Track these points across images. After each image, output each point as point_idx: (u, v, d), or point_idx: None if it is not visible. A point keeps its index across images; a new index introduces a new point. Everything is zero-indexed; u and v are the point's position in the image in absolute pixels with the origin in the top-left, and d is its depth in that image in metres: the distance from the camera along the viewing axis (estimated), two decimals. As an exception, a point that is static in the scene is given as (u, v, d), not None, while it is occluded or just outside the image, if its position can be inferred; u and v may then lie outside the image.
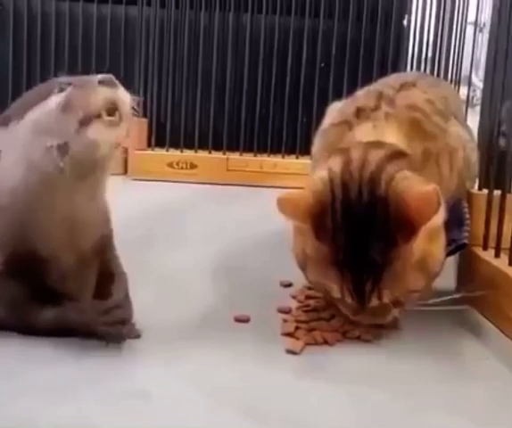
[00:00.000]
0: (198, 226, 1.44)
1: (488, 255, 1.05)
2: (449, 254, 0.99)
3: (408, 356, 0.91)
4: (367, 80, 1.41)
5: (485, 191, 1.09)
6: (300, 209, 0.90)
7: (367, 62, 1.92)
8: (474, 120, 1.30)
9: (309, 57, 1.93)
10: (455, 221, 1.03)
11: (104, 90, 0.83)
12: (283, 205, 0.89)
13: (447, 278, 1.12)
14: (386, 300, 0.88)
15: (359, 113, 1.04)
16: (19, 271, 0.88)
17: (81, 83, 0.85)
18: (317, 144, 1.12)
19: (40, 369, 0.81)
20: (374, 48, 1.92)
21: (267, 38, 1.92)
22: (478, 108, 1.34)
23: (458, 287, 1.11)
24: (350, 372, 0.86)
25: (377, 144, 0.96)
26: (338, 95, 1.56)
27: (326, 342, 0.92)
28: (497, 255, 1.04)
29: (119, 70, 1.90)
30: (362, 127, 1.01)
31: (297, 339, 0.92)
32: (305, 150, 1.73)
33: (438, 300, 0.95)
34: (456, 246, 1.01)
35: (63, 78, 0.87)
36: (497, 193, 1.05)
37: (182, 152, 1.91)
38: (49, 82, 0.89)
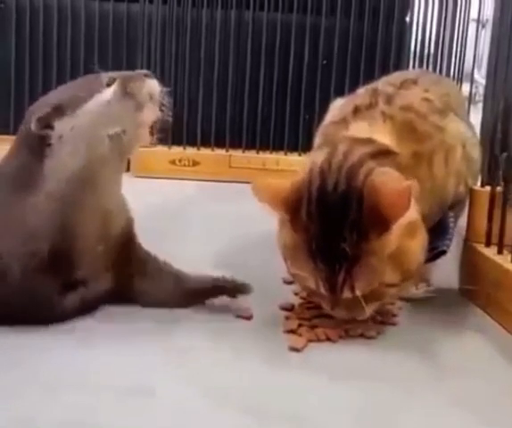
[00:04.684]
0: (200, 223, 1.44)
1: (491, 252, 1.05)
2: (428, 260, 0.99)
3: (409, 352, 0.91)
4: (370, 77, 1.42)
5: (488, 188, 1.09)
6: (277, 197, 0.91)
7: (370, 59, 1.92)
8: (476, 117, 1.30)
9: (311, 54, 1.93)
10: (439, 230, 1.03)
11: (149, 81, 0.94)
12: (261, 193, 0.91)
13: (449, 275, 1.13)
14: (359, 292, 0.88)
15: (357, 111, 1.04)
16: (56, 263, 0.90)
17: (130, 76, 0.95)
18: (318, 140, 1.12)
19: (40, 367, 0.82)
20: (376, 45, 1.92)
21: (269, 35, 1.92)
22: (480, 105, 1.34)
23: (460, 284, 1.11)
24: (353, 369, 0.86)
25: (366, 141, 0.96)
26: (340, 92, 1.56)
27: (328, 339, 0.92)
28: (500, 252, 1.04)
29: (122, 67, 1.90)
30: (357, 125, 1.01)
31: (299, 336, 0.92)
32: (307, 147, 1.72)
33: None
34: (434, 253, 1.00)
35: (107, 73, 0.94)
36: (500, 189, 1.05)
37: (184, 149, 1.91)
38: (90, 76, 0.96)
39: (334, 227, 0.87)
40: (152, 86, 0.95)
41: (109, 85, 0.92)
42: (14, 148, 0.94)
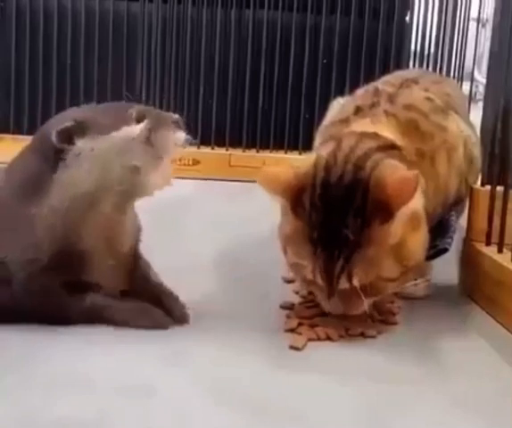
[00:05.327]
0: (200, 222, 1.44)
1: (491, 251, 1.05)
2: (429, 258, 0.99)
3: (410, 352, 0.91)
4: (370, 76, 1.42)
5: (488, 187, 1.09)
6: (280, 183, 0.92)
7: (370, 58, 1.92)
8: (476, 116, 1.30)
9: (312, 53, 1.93)
10: (441, 229, 1.03)
11: (177, 135, 0.95)
12: (264, 179, 0.92)
13: (449, 274, 1.13)
14: (356, 282, 0.88)
15: (359, 111, 1.04)
16: (59, 265, 0.90)
17: (159, 122, 0.94)
18: (318, 140, 1.12)
19: (40, 366, 0.82)
20: (376, 44, 1.92)
21: (269, 35, 1.92)
22: (481, 104, 1.34)
23: (460, 283, 1.12)
24: (353, 368, 0.86)
25: (372, 135, 0.96)
26: (340, 91, 1.56)
27: (328, 338, 0.92)
28: (500, 251, 1.04)
29: (122, 67, 1.91)
30: (359, 122, 1.01)
31: (300, 335, 0.92)
32: (307, 146, 1.72)
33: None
34: (436, 250, 1.01)
35: (138, 106, 0.94)
36: (500, 189, 1.06)
37: (184, 147, 1.91)
38: (121, 105, 0.96)
39: (337, 215, 0.87)
40: (178, 138, 0.95)
41: (138, 121, 0.92)
42: (28, 150, 0.94)
